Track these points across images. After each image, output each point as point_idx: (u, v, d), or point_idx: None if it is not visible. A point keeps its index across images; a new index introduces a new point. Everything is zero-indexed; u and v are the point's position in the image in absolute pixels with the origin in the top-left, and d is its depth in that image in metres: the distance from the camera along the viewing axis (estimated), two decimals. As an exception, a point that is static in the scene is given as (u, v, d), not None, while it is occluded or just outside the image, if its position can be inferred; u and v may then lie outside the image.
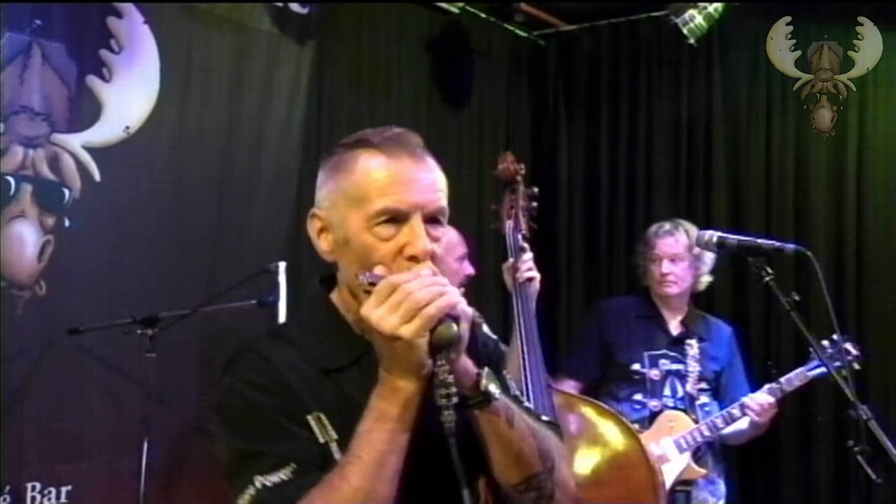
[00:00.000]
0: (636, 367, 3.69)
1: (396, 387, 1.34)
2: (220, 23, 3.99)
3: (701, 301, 4.11)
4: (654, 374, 3.69)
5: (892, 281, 4.71)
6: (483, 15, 5.22)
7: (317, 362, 1.46)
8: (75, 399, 3.43)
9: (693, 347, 3.73)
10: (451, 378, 1.32)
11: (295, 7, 4.22)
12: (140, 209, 3.69)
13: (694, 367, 3.70)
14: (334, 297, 1.54)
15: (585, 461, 3.11)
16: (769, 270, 2.39)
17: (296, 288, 3.90)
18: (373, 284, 1.35)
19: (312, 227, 1.50)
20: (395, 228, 1.41)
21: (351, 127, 4.49)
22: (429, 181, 1.45)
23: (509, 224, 3.12)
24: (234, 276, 3.58)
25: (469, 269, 3.25)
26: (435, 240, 1.44)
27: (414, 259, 1.40)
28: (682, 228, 3.78)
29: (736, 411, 3.59)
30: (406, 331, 1.30)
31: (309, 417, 1.41)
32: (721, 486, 3.78)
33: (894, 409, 4.54)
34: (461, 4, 4.90)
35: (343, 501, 1.31)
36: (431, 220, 1.44)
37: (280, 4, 4.16)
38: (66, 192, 3.46)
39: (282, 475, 1.36)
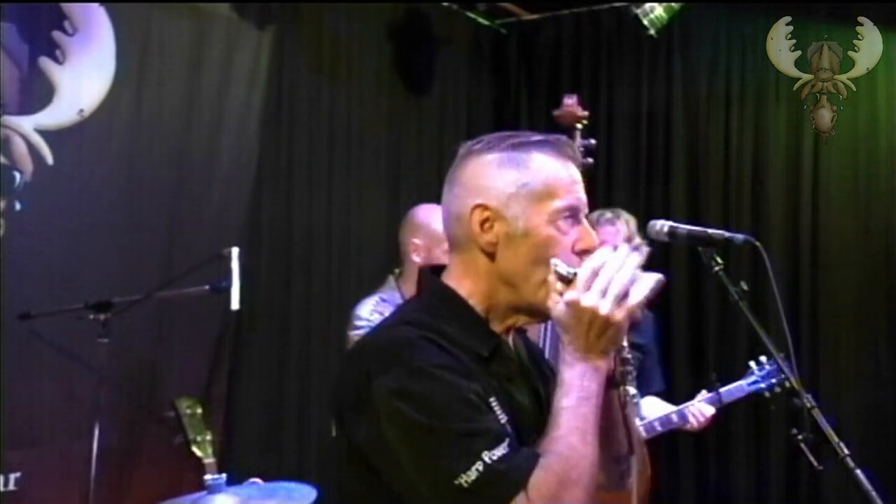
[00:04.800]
0: None
1: (597, 366, 1.45)
2: (178, 6, 3.96)
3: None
4: None
5: (845, 271, 4.77)
6: (445, 3, 5.21)
7: (470, 350, 1.50)
8: (26, 385, 3.39)
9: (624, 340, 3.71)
10: (630, 355, 1.52)
11: (254, -9, 4.19)
12: (94, 193, 3.65)
13: None
14: (455, 285, 1.57)
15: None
16: (719, 260, 2.39)
17: (253, 272, 3.89)
18: (573, 274, 1.46)
19: (476, 218, 1.53)
20: (572, 224, 1.53)
21: (311, 113, 4.54)
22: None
23: None
24: (191, 262, 3.56)
25: None
26: None
27: (585, 253, 1.51)
28: (623, 218, 3.72)
29: (675, 417, 3.58)
30: (620, 314, 1.43)
31: (490, 399, 1.45)
32: None
33: (846, 398, 4.62)
34: (423, -8, 4.91)
35: (575, 468, 1.39)
36: None
37: (239, -11, 4.13)
38: (18, 175, 3.41)
39: (503, 450, 1.37)
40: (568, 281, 1.46)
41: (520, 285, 1.52)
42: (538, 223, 1.51)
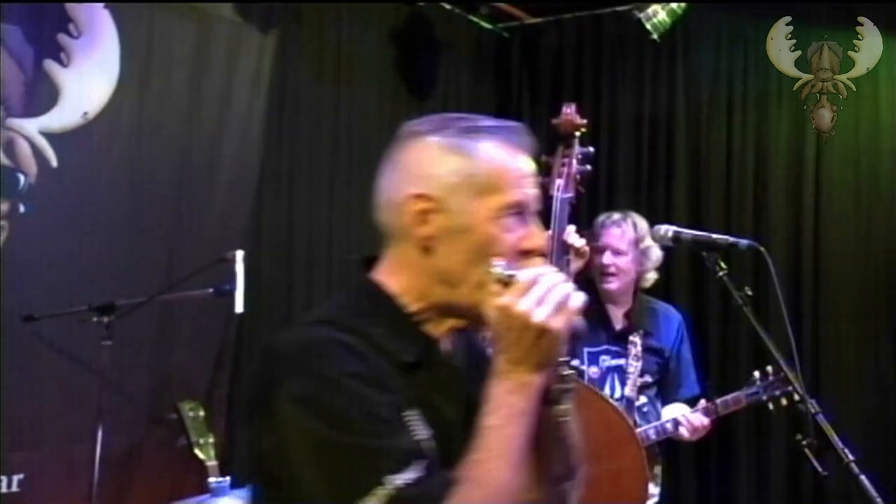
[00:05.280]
0: (574, 363, 3.40)
1: (526, 381, 1.30)
2: (182, 9, 3.96)
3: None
4: (592, 371, 3.53)
5: (847, 275, 4.77)
6: (448, 6, 5.22)
7: (392, 356, 1.36)
8: (29, 387, 3.39)
9: (636, 345, 3.54)
10: (569, 372, 1.39)
11: (258, -5, 4.20)
12: (98, 196, 3.65)
13: (635, 367, 3.52)
14: (385, 280, 1.44)
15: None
16: (723, 265, 2.40)
17: (254, 276, 3.89)
18: (510, 277, 1.32)
19: (413, 207, 1.39)
20: (518, 222, 1.39)
21: (314, 117, 4.55)
22: (535, 180, 1.45)
23: (559, 183, 2.77)
24: (193, 264, 3.56)
25: None
26: None
27: (530, 253, 1.39)
28: (631, 220, 3.60)
29: (669, 426, 3.47)
30: (557, 323, 1.29)
31: (405, 413, 1.32)
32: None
33: (845, 404, 4.62)
34: (426, -5, 4.91)
35: (494, 498, 1.26)
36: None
37: (243, -8, 4.14)
38: (22, 177, 3.41)
39: (413, 473, 1.25)
40: (506, 284, 1.32)
41: (457, 285, 1.38)
42: (481, 219, 1.37)
